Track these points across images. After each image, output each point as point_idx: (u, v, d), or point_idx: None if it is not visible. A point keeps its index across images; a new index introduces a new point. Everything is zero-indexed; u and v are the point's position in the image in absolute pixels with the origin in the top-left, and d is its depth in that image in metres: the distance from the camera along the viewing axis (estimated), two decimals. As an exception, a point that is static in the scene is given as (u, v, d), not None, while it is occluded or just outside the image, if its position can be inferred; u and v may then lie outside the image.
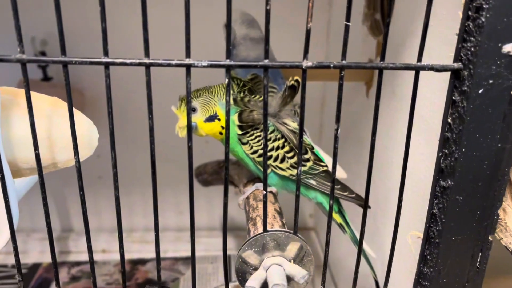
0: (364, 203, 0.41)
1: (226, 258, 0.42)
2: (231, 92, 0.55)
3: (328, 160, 0.61)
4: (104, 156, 1.10)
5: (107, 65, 0.34)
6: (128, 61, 0.34)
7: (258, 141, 0.54)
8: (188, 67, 0.35)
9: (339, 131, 0.38)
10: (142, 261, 1.06)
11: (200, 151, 0.83)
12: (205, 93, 0.54)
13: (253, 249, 0.42)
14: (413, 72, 0.57)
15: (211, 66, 0.35)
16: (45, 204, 0.39)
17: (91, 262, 0.41)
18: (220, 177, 0.74)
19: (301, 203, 1.09)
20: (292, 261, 0.41)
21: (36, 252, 1.07)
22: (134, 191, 1.10)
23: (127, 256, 1.08)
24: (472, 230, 0.40)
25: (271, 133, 0.54)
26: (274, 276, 0.39)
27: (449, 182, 0.39)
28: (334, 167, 0.39)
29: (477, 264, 0.42)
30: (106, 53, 0.34)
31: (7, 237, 0.40)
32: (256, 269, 0.41)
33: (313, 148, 0.58)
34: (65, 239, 1.12)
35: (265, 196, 0.40)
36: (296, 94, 0.53)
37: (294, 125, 0.54)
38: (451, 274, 0.42)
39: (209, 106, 0.54)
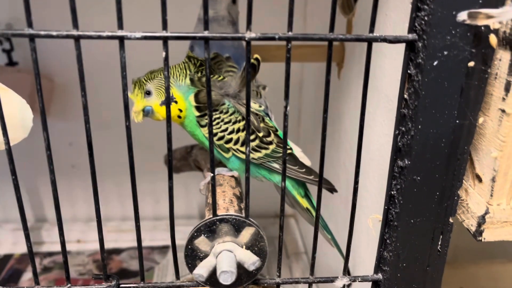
0: (318, 183, 0.39)
1: (174, 247, 0.40)
2: (188, 72, 0.52)
3: (294, 145, 0.58)
4: (76, 144, 1.08)
5: (31, 38, 0.31)
6: (54, 33, 0.31)
7: (217, 123, 0.51)
8: (121, 39, 0.32)
9: (288, 108, 0.36)
10: (117, 251, 1.04)
11: (175, 138, 0.81)
12: (160, 74, 0.51)
13: (204, 235, 0.40)
14: (384, 49, 0.55)
15: (145, 38, 0.32)
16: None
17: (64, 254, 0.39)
18: (186, 163, 0.72)
19: (277, 188, 1.05)
20: (244, 247, 0.39)
21: (8, 243, 1.04)
22: (108, 179, 1.08)
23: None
24: (431, 212, 0.38)
25: (231, 115, 0.51)
26: (223, 263, 0.37)
27: (406, 162, 0.37)
28: (284, 147, 0.37)
29: (438, 248, 0.40)
30: (30, 25, 0.31)
31: None
32: (206, 256, 0.39)
33: (277, 130, 0.55)
34: (38, 229, 1.09)
35: (212, 179, 0.37)
36: (257, 73, 0.50)
37: (255, 106, 0.52)
38: (411, 258, 0.40)
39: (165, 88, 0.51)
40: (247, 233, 0.40)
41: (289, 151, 0.55)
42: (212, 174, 0.54)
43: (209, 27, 0.57)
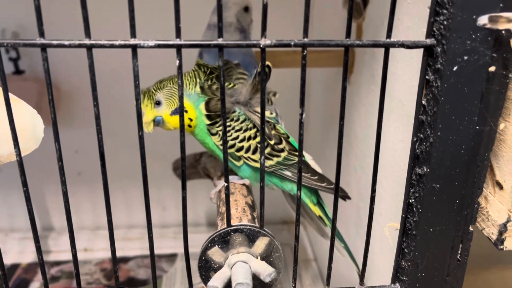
0: (334, 190, 0.38)
1: (188, 257, 0.39)
2: (198, 81, 0.51)
3: (305, 152, 0.58)
4: (82, 152, 1.07)
5: (43, 48, 0.31)
6: (66, 42, 0.31)
7: (229, 131, 0.50)
8: (134, 47, 0.32)
9: (303, 116, 0.35)
10: (124, 259, 1.03)
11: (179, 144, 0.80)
12: (170, 83, 0.51)
13: (218, 246, 0.39)
14: (396, 54, 0.55)
15: (159, 46, 0.32)
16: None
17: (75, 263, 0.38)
18: (196, 170, 0.71)
19: (285, 198, 1.05)
20: (259, 257, 0.38)
21: (14, 252, 1.03)
22: (115, 187, 1.07)
23: (109, 254, 1.05)
24: (451, 220, 0.37)
25: (242, 122, 0.51)
26: (238, 274, 0.36)
27: (425, 169, 0.36)
28: (300, 154, 0.36)
29: (457, 257, 0.39)
30: (41, 34, 0.31)
31: None
32: (221, 267, 0.39)
33: (288, 137, 0.55)
34: (45, 238, 1.08)
35: (227, 188, 0.37)
36: (268, 80, 0.50)
37: (267, 113, 0.51)
38: (430, 267, 0.39)
39: (175, 98, 0.51)
40: (261, 243, 0.39)
41: (301, 158, 0.54)
42: (223, 183, 0.54)
43: (215, 31, 0.56)
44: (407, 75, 0.49)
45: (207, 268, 0.39)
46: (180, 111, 0.34)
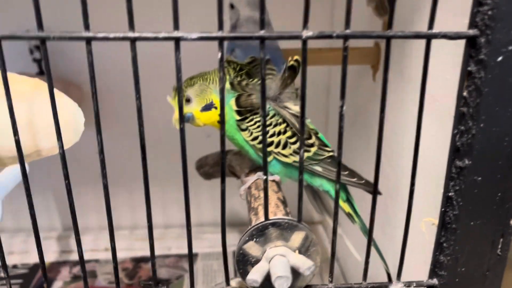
0: (373, 189, 0.38)
1: (225, 252, 0.39)
2: (228, 77, 0.52)
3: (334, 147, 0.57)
4: (105, 152, 1.07)
5: (88, 40, 0.31)
6: (111, 35, 0.31)
7: (258, 126, 0.51)
8: (177, 40, 0.32)
9: (344, 108, 0.35)
10: (146, 259, 1.03)
11: (201, 143, 0.80)
12: (200, 80, 0.51)
13: (255, 240, 0.39)
14: (422, 51, 0.54)
15: (201, 38, 0.32)
16: (29, 195, 0.36)
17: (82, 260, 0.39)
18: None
19: (307, 196, 1.05)
20: (297, 251, 0.38)
21: (36, 252, 1.04)
22: (135, 188, 1.08)
23: (130, 254, 1.06)
24: (492, 214, 0.37)
25: (271, 117, 0.51)
26: (277, 268, 0.36)
27: (466, 162, 0.35)
28: (340, 147, 0.36)
29: (498, 251, 0.38)
30: (87, 27, 0.31)
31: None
32: (258, 261, 0.38)
33: (317, 133, 0.54)
34: (67, 238, 1.09)
35: (265, 182, 0.37)
36: (297, 75, 0.50)
37: (296, 108, 0.51)
38: (470, 262, 0.38)
39: (205, 94, 0.51)
40: (298, 237, 0.39)
41: (331, 153, 0.54)
42: (252, 180, 0.54)
43: (246, 26, 0.56)
44: (439, 68, 0.48)
45: (245, 262, 0.39)
46: (221, 104, 0.34)
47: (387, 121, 0.66)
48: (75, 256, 1.04)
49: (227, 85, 0.51)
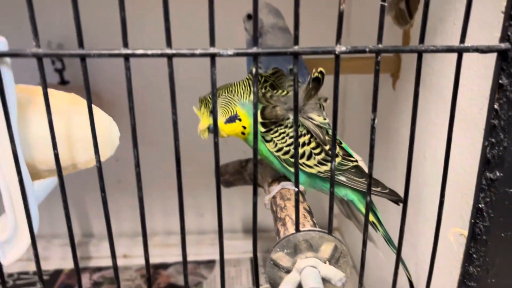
0: (403, 199, 0.38)
1: (256, 262, 0.39)
2: (252, 89, 0.52)
3: (356, 155, 0.58)
4: (123, 160, 1.09)
5: (127, 57, 0.32)
6: (149, 52, 0.32)
7: (283, 137, 0.51)
8: (213, 56, 0.32)
9: (375, 121, 0.35)
10: (164, 266, 1.04)
11: (221, 151, 0.81)
12: (224, 92, 0.52)
13: (285, 251, 0.40)
14: (444, 60, 0.55)
15: (237, 55, 0.33)
16: (66, 207, 0.37)
17: (115, 267, 0.39)
18: (242, 177, 0.72)
19: (324, 202, 1.05)
20: (327, 262, 0.39)
21: (57, 259, 1.06)
22: (153, 194, 1.09)
23: (150, 261, 1.06)
24: (523, 225, 0.37)
25: (297, 128, 0.51)
26: (309, 279, 0.37)
27: (497, 174, 0.36)
28: (371, 160, 0.36)
29: (528, 262, 0.38)
30: (125, 45, 0.32)
31: (28, 243, 0.38)
32: (288, 271, 0.39)
33: (341, 142, 0.55)
34: (86, 244, 1.10)
35: (297, 194, 0.37)
36: (321, 86, 0.50)
37: (320, 119, 0.52)
38: (500, 273, 0.38)
39: (229, 106, 0.51)
40: (327, 248, 0.40)
41: (354, 163, 0.54)
42: (277, 189, 0.54)
43: (272, 32, 0.57)
44: (465, 79, 0.49)
45: (274, 273, 0.39)
46: (254, 118, 0.34)
47: (407, 130, 0.67)
48: (94, 263, 1.05)
49: (252, 98, 0.52)
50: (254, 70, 0.33)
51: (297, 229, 0.38)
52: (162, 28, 0.31)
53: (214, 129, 0.34)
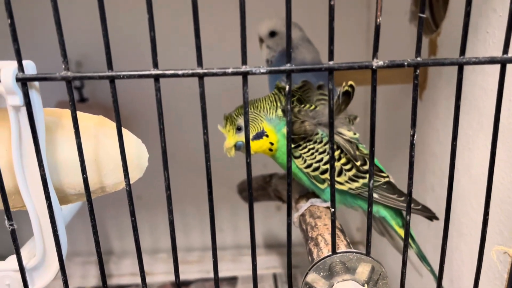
0: (444, 220, 0.36)
1: (290, 285, 0.38)
2: (279, 104, 0.51)
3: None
4: (143, 175, 1.08)
5: (157, 78, 0.31)
6: (180, 72, 0.31)
7: (312, 153, 0.50)
8: (245, 75, 0.31)
9: (415, 137, 0.34)
10: (185, 283, 1.03)
11: (242, 166, 0.80)
12: (251, 108, 0.51)
13: (321, 274, 0.38)
14: (475, 69, 0.53)
15: (270, 72, 0.32)
16: (95, 233, 0.36)
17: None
18: (266, 192, 0.71)
19: (348, 216, 1.03)
20: (366, 285, 0.37)
21: (77, 277, 1.05)
22: (174, 211, 1.08)
23: (169, 278, 1.05)
24: None
25: (325, 144, 0.50)
26: (348, 303, 0.35)
27: (546, 190, 0.34)
28: (410, 178, 0.35)
29: None
30: (155, 65, 0.31)
31: (56, 269, 0.37)
32: (325, 295, 0.37)
33: (371, 157, 0.53)
34: (106, 263, 1.10)
35: (333, 214, 0.35)
36: (351, 100, 0.49)
37: (350, 134, 0.50)
38: (550, 294, 0.36)
39: (256, 122, 0.50)
40: (364, 270, 0.38)
41: (386, 179, 0.52)
42: (306, 206, 0.52)
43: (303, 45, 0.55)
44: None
45: (311, 296, 0.38)
46: (288, 137, 0.33)
47: (438, 141, 0.65)
48: (115, 281, 1.04)
49: (279, 113, 0.50)
50: (287, 87, 0.32)
51: (334, 251, 0.37)
52: (176, 48, 0.30)
53: (246, 148, 0.33)
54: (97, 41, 0.31)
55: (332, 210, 0.35)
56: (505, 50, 0.32)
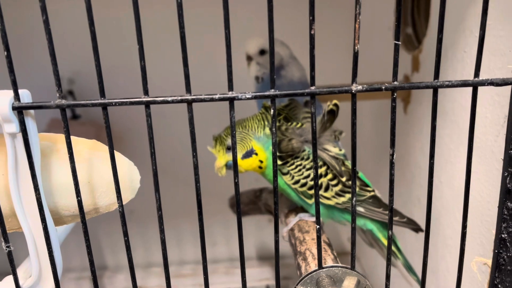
0: (425, 228, 0.38)
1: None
2: (266, 123, 0.53)
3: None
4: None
5: (147, 104, 0.33)
6: (169, 98, 0.33)
7: (299, 170, 0.51)
8: (232, 100, 0.33)
9: (394, 156, 0.36)
10: (179, 296, 1.03)
11: (232, 180, 0.81)
12: (239, 128, 0.52)
13: (308, 287, 0.39)
14: (464, 89, 0.55)
15: (255, 97, 0.33)
16: (90, 253, 0.37)
17: (139, 310, 0.39)
18: (256, 206, 0.72)
19: (338, 226, 1.04)
20: (351, 298, 0.38)
21: (72, 293, 1.05)
22: (166, 224, 1.08)
23: (163, 292, 1.06)
24: (548, 255, 0.36)
25: (311, 161, 0.51)
26: (334, 317, 0.36)
27: (519, 204, 0.35)
28: (391, 195, 0.36)
29: (555, 291, 0.38)
30: (146, 92, 0.33)
31: (52, 287, 0.38)
32: (312, 309, 0.39)
33: (357, 172, 0.55)
34: (100, 277, 1.10)
35: (318, 231, 0.37)
36: (335, 118, 0.51)
37: (335, 150, 0.52)
38: (527, 304, 0.38)
39: (245, 141, 0.52)
40: (350, 283, 0.39)
41: (372, 193, 0.54)
42: (295, 221, 0.54)
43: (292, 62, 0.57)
44: (478, 107, 0.49)
45: (298, 310, 0.39)
46: (273, 158, 0.35)
47: (423, 156, 0.67)
48: (109, 296, 1.05)
49: (267, 131, 0.52)
50: (272, 111, 0.33)
51: (320, 266, 0.38)
52: (165, 75, 0.32)
53: (234, 169, 0.35)
54: (89, 57, 0.33)
55: (318, 227, 0.37)
56: (476, 74, 0.34)
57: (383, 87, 0.33)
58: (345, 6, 0.95)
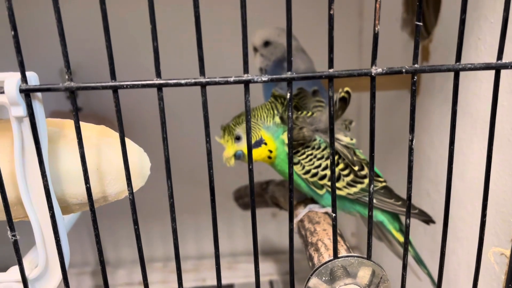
0: (443, 225, 0.37)
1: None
2: (275, 112, 0.51)
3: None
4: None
5: (160, 87, 0.31)
6: (183, 81, 0.31)
7: (310, 159, 0.50)
8: (247, 83, 0.32)
9: (413, 142, 0.34)
10: (182, 292, 1.02)
11: (236, 174, 0.80)
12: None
13: (322, 278, 0.38)
14: (468, 75, 0.54)
15: (271, 80, 0.32)
16: (98, 242, 0.36)
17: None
18: (262, 199, 0.71)
19: (343, 221, 1.03)
20: (367, 289, 0.37)
21: (72, 287, 1.04)
22: (167, 220, 1.07)
23: (164, 287, 1.05)
24: None
25: (323, 150, 0.50)
26: (351, 307, 0.35)
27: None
28: (410, 182, 0.35)
29: None
30: (158, 75, 0.31)
31: (59, 279, 0.37)
32: (327, 300, 0.38)
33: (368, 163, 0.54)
34: (100, 273, 1.09)
35: (334, 219, 0.36)
36: (347, 106, 0.50)
37: (347, 139, 0.51)
38: (548, 294, 0.37)
39: (254, 131, 0.51)
40: (365, 274, 0.38)
41: (383, 183, 0.53)
42: (304, 212, 0.53)
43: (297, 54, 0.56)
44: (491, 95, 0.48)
45: (313, 302, 0.38)
46: (289, 143, 0.34)
47: (433, 147, 0.66)
48: (110, 291, 1.04)
49: (277, 120, 0.51)
50: (288, 95, 0.32)
51: (335, 256, 0.37)
52: (174, 57, 0.31)
53: (248, 155, 0.33)
54: (90, 49, 0.32)
55: (334, 215, 0.36)
56: (499, 57, 0.33)
57: (404, 70, 0.32)
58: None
